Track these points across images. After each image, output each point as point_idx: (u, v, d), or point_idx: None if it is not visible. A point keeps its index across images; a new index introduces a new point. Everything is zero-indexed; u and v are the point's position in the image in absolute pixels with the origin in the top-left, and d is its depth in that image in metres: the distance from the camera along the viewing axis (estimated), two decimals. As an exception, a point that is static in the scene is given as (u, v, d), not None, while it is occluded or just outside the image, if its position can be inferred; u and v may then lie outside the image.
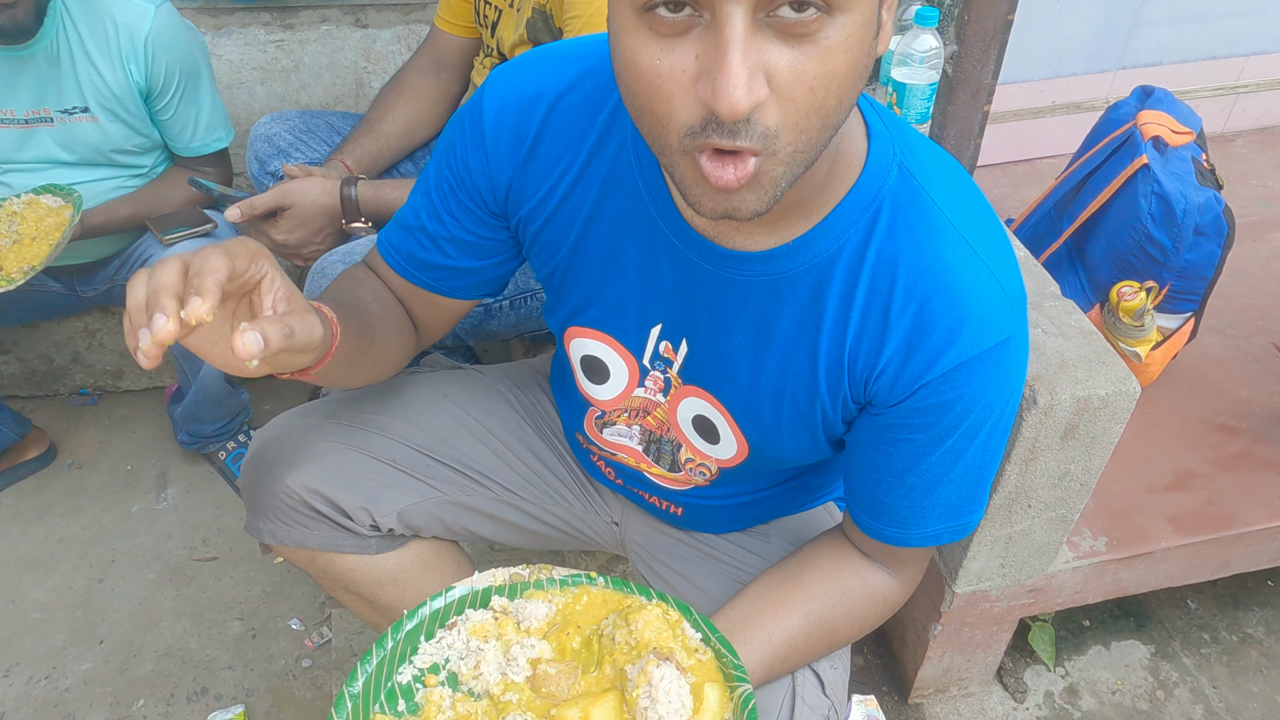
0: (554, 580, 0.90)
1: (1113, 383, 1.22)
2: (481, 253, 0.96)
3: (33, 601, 1.83)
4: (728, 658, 0.82)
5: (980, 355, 0.78)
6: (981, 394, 0.80)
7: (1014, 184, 2.38)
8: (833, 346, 0.82)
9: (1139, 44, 2.37)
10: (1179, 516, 1.54)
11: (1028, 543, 1.40)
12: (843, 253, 0.79)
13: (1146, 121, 1.59)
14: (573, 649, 0.85)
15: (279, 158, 1.65)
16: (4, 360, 2.12)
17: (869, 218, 0.78)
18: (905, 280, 0.77)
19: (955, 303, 0.77)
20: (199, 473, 2.07)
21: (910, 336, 0.78)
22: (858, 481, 0.91)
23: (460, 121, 0.90)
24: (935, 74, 1.54)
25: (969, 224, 0.78)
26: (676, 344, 0.90)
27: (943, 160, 0.82)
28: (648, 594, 0.88)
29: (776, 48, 0.59)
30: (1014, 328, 0.79)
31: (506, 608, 0.87)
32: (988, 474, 0.88)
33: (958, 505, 0.88)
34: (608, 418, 1.03)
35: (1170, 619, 1.82)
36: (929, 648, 1.56)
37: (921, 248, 0.77)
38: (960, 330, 0.77)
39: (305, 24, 2.06)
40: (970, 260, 0.77)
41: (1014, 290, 0.79)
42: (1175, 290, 1.62)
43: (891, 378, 0.80)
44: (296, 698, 1.68)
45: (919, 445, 0.83)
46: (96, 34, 1.60)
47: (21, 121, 1.64)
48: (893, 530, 0.90)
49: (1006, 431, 0.86)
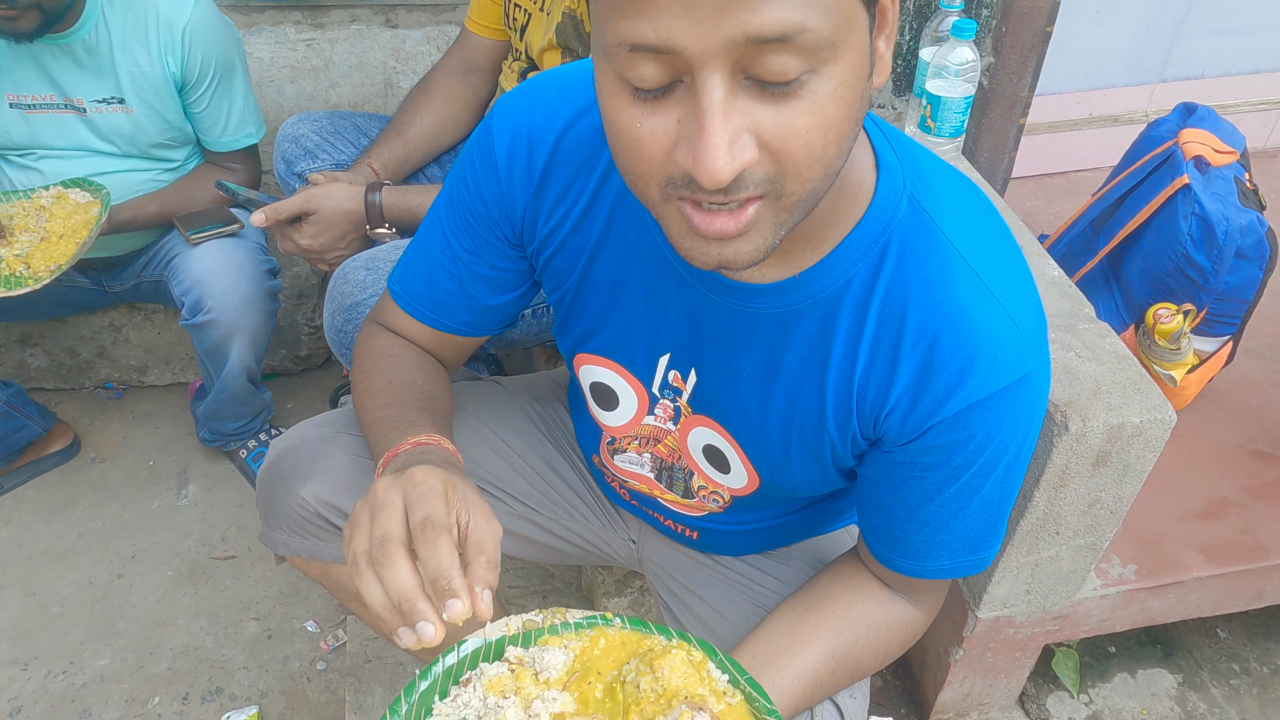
0: (569, 624, 0.86)
1: (1148, 410, 1.18)
2: (504, 286, 0.95)
3: (53, 595, 1.84)
4: (759, 701, 0.79)
5: (993, 395, 0.75)
6: (995, 433, 0.77)
7: (1048, 197, 2.34)
8: (841, 382, 0.80)
9: (1180, 56, 2.32)
10: (1212, 545, 1.50)
11: (1054, 569, 1.37)
12: (850, 287, 0.76)
13: (1188, 140, 1.55)
14: (595, 699, 0.81)
15: (306, 159, 1.64)
16: (31, 353, 2.14)
17: (877, 252, 0.75)
18: (915, 317, 0.75)
19: (966, 341, 0.74)
20: (220, 470, 2.08)
21: (920, 375, 0.76)
22: (871, 513, 0.89)
23: (470, 156, 0.89)
24: (971, 87, 1.51)
25: (983, 258, 0.75)
26: (685, 374, 0.89)
27: (957, 188, 0.79)
28: (668, 634, 0.84)
29: (762, 107, 0.57)
30: (1029, 366, 0.76)
31: (522, 658, 0.83)
32: (1005, 509, 0.86)
33: (974, 540, 0.86)
34: (619, 444, 1.01)
35: (1199, 648, 1.78)
36: (950, 672, 1.53)
37: (932, 284, 0.74)
38: (971, 370, 0.75)
39: (335, 23, 2.06)
40: (983, 297, 0.74)
41: (1030, 327, 0.76)
42: (1213, 313, 1.58)
43: (901, 416, 0.78)
44: (310, 700, 1.68)
45: (931, 483, 0.81)
46: (136, 24, 1.61)
47: (60, 107, 1.65)
48: (907, 562, 0.88)
49: (1024, 466, 0.84)
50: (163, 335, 2.16)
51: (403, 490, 0.72)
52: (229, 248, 1.72)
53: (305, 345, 2.28)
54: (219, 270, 1.68)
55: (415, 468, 0.74)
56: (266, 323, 1.78)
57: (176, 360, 2.22)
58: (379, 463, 0.85)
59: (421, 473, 0.73)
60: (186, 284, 1.69)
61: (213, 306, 1.67)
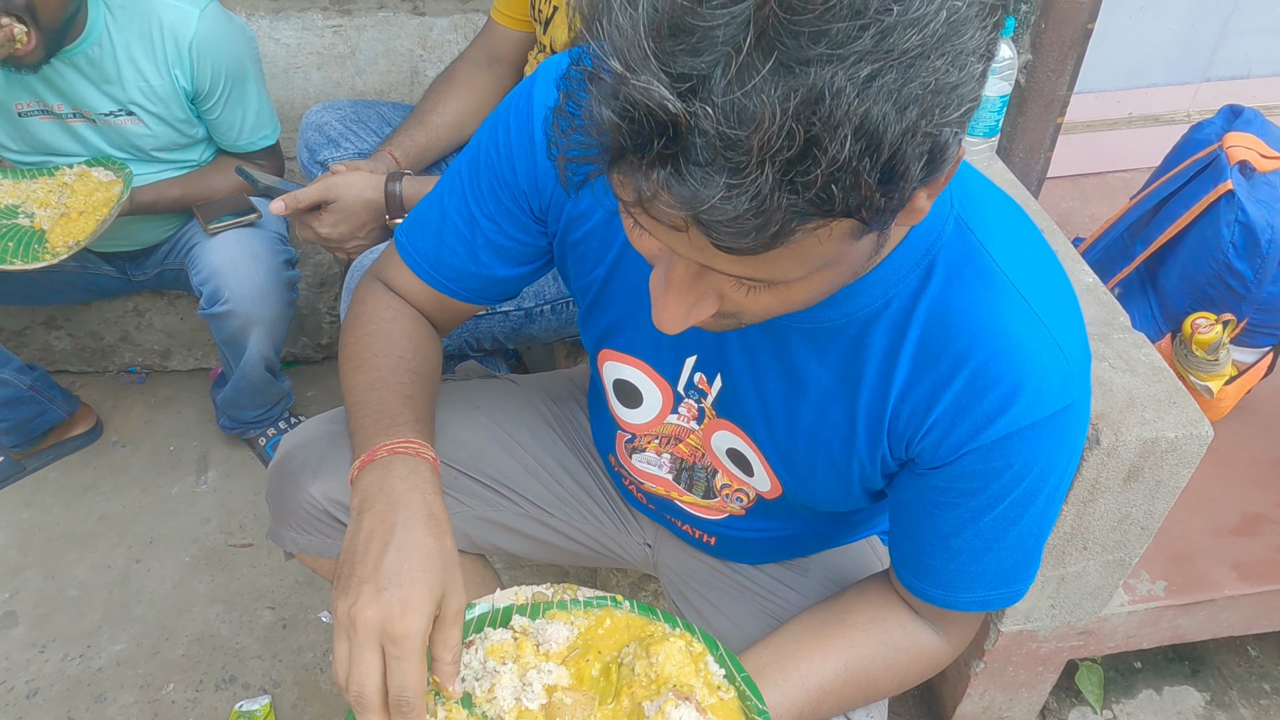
0: (578, 601, 0.87)
1: (1183, 425, 1.14)
2: (517, 259, 0.92)
3: (72, 578, 1.85)
4: (751, 700, 0.79)
5: (1035, 424, 0.72)
6: (1035, 462, 0.74)
7: (1083, 198, 2.28)
8: (874, 403, 0.77)
9: (1225, 55, 2.25)
10: (1245, 563, 1.46)
11: (1081, 584, 1.33)
12: (889, 307, 0.73)
13: (1233, 144, 1.50)
14: (591, 677, 0.82)
15: (329, 147, 1.63)
16: (56, 336, 2.15)
17: (920, 273, 0.72)
18: (960, 340, 0.72)
19: (1012, 367, 0.71)
20: (239, 457, 2.08)
21: (961, 399, 0.73)
22: (902, 539, 0.86)
23: (505, 119, 0.84)
24: (1007, 85, 1.46)
25: (1031, 283, 0.72)
26: (711, 377, 0.86)
27: (1005, 210, 0.76)
28: (673, 622, 0.85)
29: (729, 283, 0.58)
30: (1074, 395, 0.73)
31: (526, 628, 0.85)
32: (1042, 540, 0.82)
33: (1009, 572, 0.83)
34: (637, 442, 0.99)
35: (1228, 665, 1.73)
36: (970, 684, 1.50)
37: (978, 307, 0.71)
38: (1016, 396, 0.71)
39: (363, 10, 2.04)
40: (1030, 322, 0.71)
41: (1076, 356, 0.73)
42: (1254, 324, 1.53)
43: (937, 439, 0.75)
44: (323, 691, 1.68)
45: (966, 511, 0.78)
46: (141, 37, 1.58)
47: (69, 116, 1.64)
48: (938, 592, 0.85)
49: (1062, 496, 0.81)
50: (185, 321, 2.16)
51: (380, 635, 0.72)
52: (247, 238, 1.71)
53: (327, 333, 2.27)
54: (236, 260, 1.68)
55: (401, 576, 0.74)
56: (284, 313, 1.77)
57: (199, 346, 2.23)
58: (356, 462, 0.84)
59: (400, 602, 0.73)
60: (205, 274, 1.68)
61: (230, 297, 1.67)
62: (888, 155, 0.46)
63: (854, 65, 0.44)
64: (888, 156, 0.46)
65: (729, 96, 0.45)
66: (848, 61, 0.44)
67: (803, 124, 0.45)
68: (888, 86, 0.45)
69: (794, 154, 0.45)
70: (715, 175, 0.46)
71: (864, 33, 0.44)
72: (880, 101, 0.45)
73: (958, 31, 0.46)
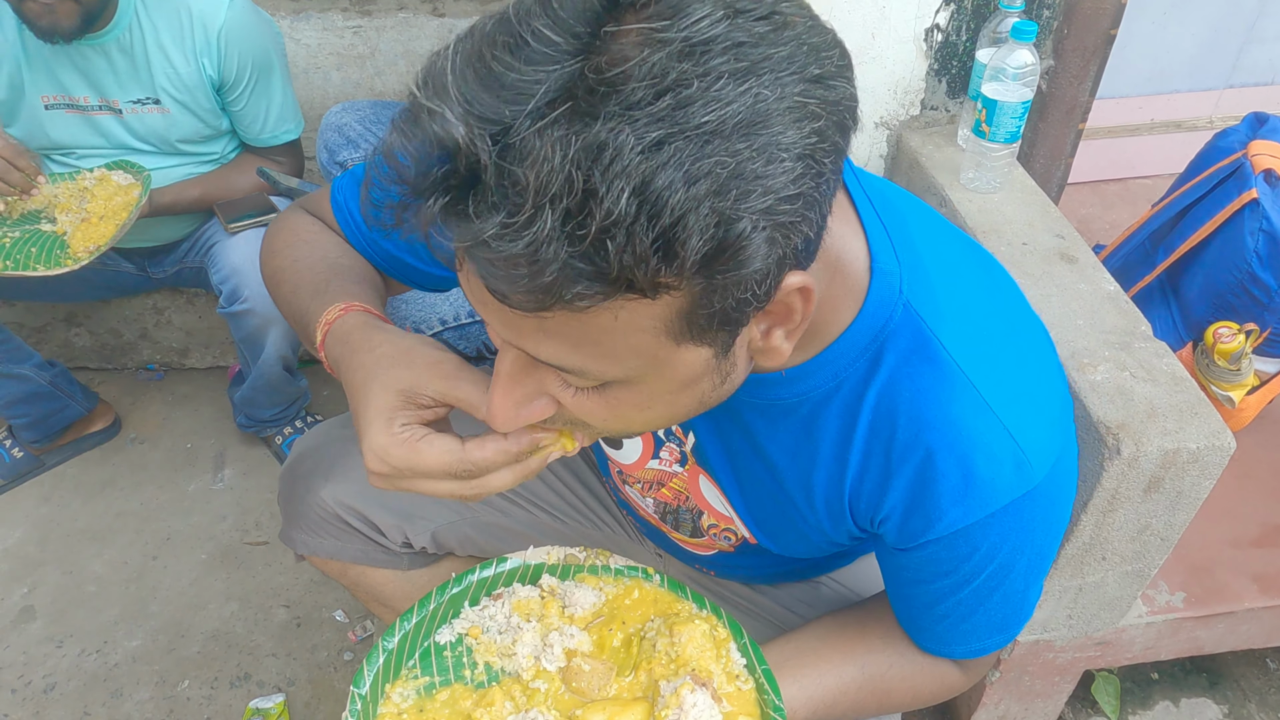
0: (609, 568, 0.88)
1: (1206, 436, 1.13)
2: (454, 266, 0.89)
3: (89, 574, 1.86)
4: (769, 695, 0.78)
5: (993, 515, 0.70)
6: (1002, 544, 0.73)
7: (1104, 204, 2.26)
8: (831, 482, 0.76)
9: (1250, 61, 2.23)
10: (1266, 575, 1.44)
11: (1099, 595, 1.32)
12: (839, 391, 0.72)
13: (1259, 152, 1.48)
14: (612, 646, 0.82)
15: (348, 148, 1.64)
16: (75, 332, 2.17)
17: (869, 358, 0.70)
18: (907, 431, 0.70)
19: (961, 461, 0.69)
20: (256, 455, 2.09)
21: (913, 490, 0.71)
22: (891, 596, 0.86)
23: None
24: (1030, 91, 1.45)
25: (984, 369, 0.69)
26: (685, 429, 0.86)
27: (965, 283, 0.73)
28: (701, 602, 0.85)
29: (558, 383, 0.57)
30: (1031, 483, 0.70)
31: (555, 588, 0.86)
32: (1031, 594, 0.81)
33: (1001, 623, 0.82)
34: (627, 478, 0.99)
35: (1246, 678, 1.71)
36: (985, 693, 1.49)
37: (925, 395, 0.69)
38: (967, 491, 0.69)
39: (383, 11, 2.05)
40: (980, 412, 0.69)
41: (1033, 445, 0.70)
42: (1277, 334, 1.51)
43: (897, 525, 0.74)
44: (336, 690, 1.68)
45: (943, 587, 0.77)
46: (171, 25, 1.60)
47: (95, 108, 1.65)
48: (933, 645, 0.85)
49: (1051, 555, 0.79)
50: (204, 319, 2.17)
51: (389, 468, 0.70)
52: (267, 237, 1.72)
53: (344, 333, 2.28)
54: (256, 260, 1.67)
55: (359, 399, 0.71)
56: (304, 312, 1.77)
57: (217, 344, 2.24)
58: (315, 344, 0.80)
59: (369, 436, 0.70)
60: (224, 272, 1.69)
61: (249, 296, 1.67)
62: (669, 222, 0.46)
63: (645, 127, 0.45)
64: (669, 224, 0.46)
65: (518, 137, 0.45)
66: (639, 122, 0.45)
67: (582, 172, 0.44)
68: (679, 155, 0.45)
69: (573, 203, 0.45)
70: (494, 214, 0.46)
71: (659, 99, 0.45)
72: (669, 168, 0.45)
73: (764, 121, 0.47)
